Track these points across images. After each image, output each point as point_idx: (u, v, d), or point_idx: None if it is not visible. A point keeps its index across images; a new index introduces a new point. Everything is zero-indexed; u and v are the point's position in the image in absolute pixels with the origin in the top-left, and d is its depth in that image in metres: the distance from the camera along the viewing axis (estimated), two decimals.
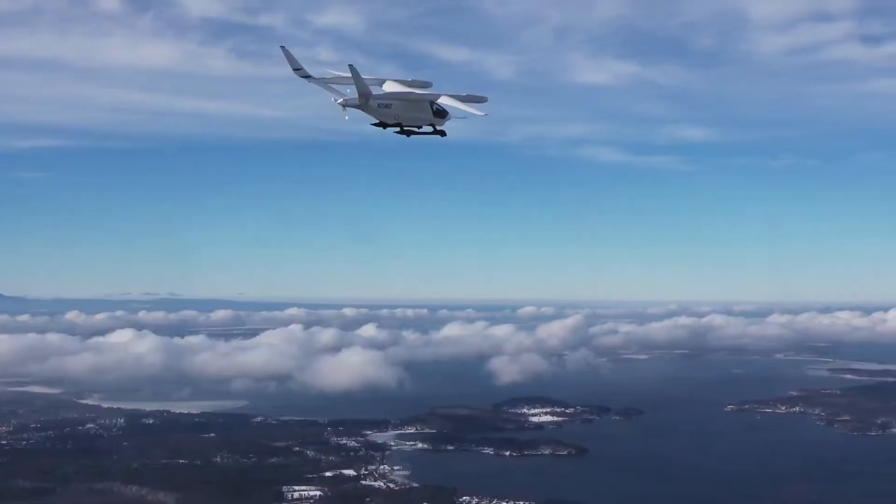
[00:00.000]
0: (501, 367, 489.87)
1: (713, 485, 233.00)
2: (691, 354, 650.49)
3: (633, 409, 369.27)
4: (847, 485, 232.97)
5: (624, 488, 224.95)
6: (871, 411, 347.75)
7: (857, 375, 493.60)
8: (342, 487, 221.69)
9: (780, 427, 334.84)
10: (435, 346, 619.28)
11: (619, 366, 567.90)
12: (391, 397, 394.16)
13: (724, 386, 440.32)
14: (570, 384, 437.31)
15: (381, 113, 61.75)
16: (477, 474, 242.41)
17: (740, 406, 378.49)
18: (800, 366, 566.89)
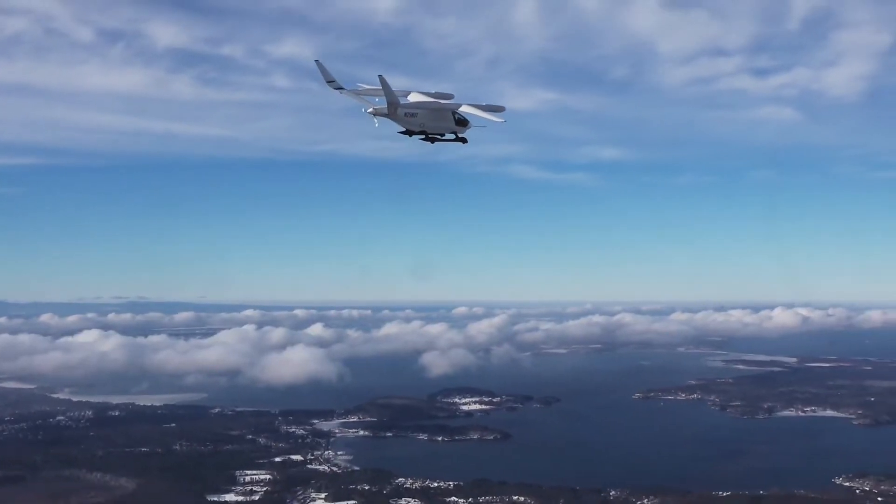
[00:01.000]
0: (435, 361, 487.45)
1: (622, 463, 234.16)
2: (604, 349, 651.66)
3: (552, 397, 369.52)
4: (736, 461, 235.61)
5: (543, 468, 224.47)
6: (759, 397, 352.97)
7: (748, 366, 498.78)
8: (290, 471, 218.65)
9: (681, 412, 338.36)
10: (375, 343, 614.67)
11: (539, 359, 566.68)
12: (336, 389, 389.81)
13: (632, 376, 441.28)
14: (497, 376, 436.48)
15: (408, 121, 60.08)
16: (412, 458, 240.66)
17: (646, 394, 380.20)
18: (698, 358, 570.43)
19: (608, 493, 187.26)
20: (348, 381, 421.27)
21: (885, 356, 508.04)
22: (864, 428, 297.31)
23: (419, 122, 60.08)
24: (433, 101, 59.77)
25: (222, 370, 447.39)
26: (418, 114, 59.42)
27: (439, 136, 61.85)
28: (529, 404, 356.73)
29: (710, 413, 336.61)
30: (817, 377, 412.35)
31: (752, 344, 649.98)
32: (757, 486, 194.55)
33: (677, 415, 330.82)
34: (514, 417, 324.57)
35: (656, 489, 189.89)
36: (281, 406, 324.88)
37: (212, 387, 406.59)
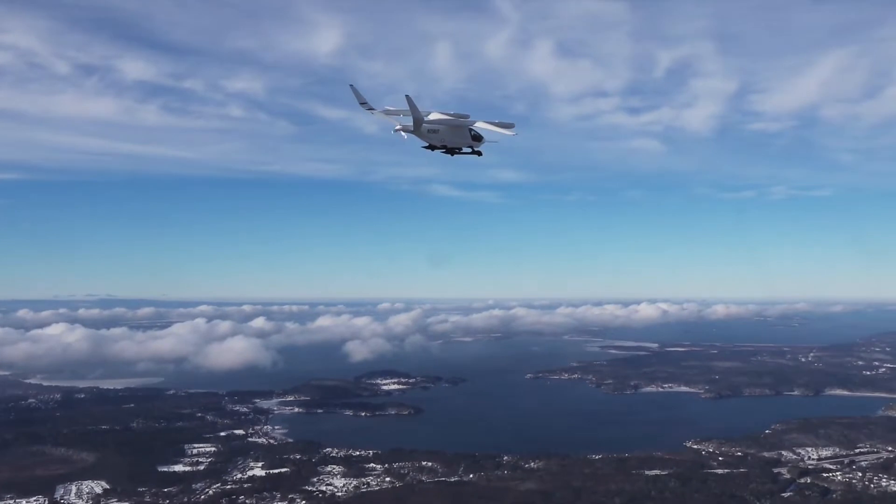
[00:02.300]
0: (359, 348, 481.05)
1: (515, 432, 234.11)
2: (502, 337, 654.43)
3: (458, 378, 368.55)
4: (608, 429, 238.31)
5: (449, 437, 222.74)
6: (627, 376, 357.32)
7: (619, 350, 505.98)
8: (232, 444, 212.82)
9: (564, 389, 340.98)
10: (310, 334, 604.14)
11: (449, 346, 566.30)
12: (275, 373, 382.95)
13: (525, 360, 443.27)
14: (412, 360, 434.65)
15: (430, 137, 57.97)
16: (338, 431, 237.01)
17: (536, 374, 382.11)
18: (579, 344, 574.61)
19: (502, 458, 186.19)
20: (286, 365, 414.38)
21: (727, 342, 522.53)
22: (709, 400, 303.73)
23: (440, 138, 58.31)
24: (452, 118, 57.73)
25: (174, 358, 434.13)
26: (439, 130, 57.51)
27: (458, 150, 60.05)
28: (440, 384, 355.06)
29: (588, 390, 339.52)
30: (674, 359, 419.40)
31: (622, 333, 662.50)
32: (623, 450, 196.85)
33: (561, 391, 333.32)
34: (426, 395, 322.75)
35: (541, 454, 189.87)
36: (227, 387, 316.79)
37: (168, 372, 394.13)
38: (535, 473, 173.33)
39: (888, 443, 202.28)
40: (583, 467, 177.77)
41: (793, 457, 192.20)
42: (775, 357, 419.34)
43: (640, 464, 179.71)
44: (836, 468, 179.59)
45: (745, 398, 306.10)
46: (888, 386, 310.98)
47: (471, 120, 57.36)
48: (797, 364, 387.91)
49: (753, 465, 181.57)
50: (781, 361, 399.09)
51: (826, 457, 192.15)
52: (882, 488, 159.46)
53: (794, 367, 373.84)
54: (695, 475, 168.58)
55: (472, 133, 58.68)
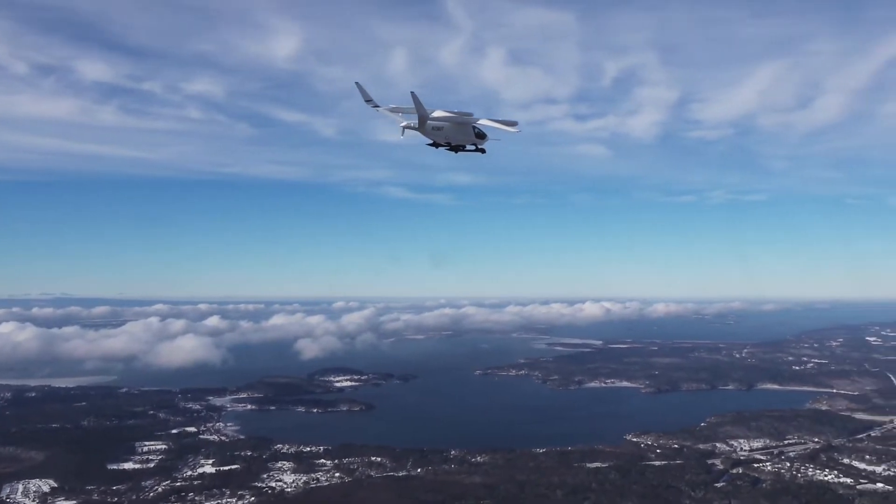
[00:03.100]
0: (312, 346, 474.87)
1: (463, 427, 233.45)
2: (453, 335, 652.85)
3: (410, 374, 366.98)
4: (552, 424, 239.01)
5: (399, 433, 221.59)
6: (572, 372, 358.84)
7: (565, 347, 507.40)
8: (184, 441, 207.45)
9: (511, 385, 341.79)
10: (263, 332, 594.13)
11: (401, 344, 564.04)
12: (229, 370, 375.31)
13: (474, 357, 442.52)
14: (365, 358, 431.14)
15: (434, 134, 57.04)
16: (290, 427, 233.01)
17: (485, 371, 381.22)
18: (527, 342, 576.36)
19: (449, 453, 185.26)
20: (239, 363, 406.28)
21: (667, 339, 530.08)
22: (649, 395, 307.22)
23: (444, 135, 57.39)
24: (456, 116, 56.53)
25: (126, 356, 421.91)
26: (444, 127, 56.62)
27: (461, 147, 59.04)
28: (391, 381, 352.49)
29: (534, 385, 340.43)
30: (616, 356, 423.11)
31: (568, 330, 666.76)
32: (567, 443, 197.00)
33: (508, 387, 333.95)
34: (377, 392, 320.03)
35: (488, 448, 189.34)
36: (181, 385, 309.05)
37: (121, 371, 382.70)
38: (481, 467, 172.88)
39: (815, 434, 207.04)
40: (527, 461, 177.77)
41: (726, 448, 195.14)
42: (712, 353, 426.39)
43: (582, 457, 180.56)
44: (767, 459, 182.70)
45: (683, 393, 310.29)
46: (815, 380, 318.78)
47: (474, 117, 56.46)
48: (732, 360, 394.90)
49: (689, 457, 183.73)
50: (717, 357, 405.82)
51: (757, 448, 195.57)
52: (808, 478, 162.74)
53: (729, 363, 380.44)
54: (634, 467, 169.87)
55: (476, 130, 57.87)
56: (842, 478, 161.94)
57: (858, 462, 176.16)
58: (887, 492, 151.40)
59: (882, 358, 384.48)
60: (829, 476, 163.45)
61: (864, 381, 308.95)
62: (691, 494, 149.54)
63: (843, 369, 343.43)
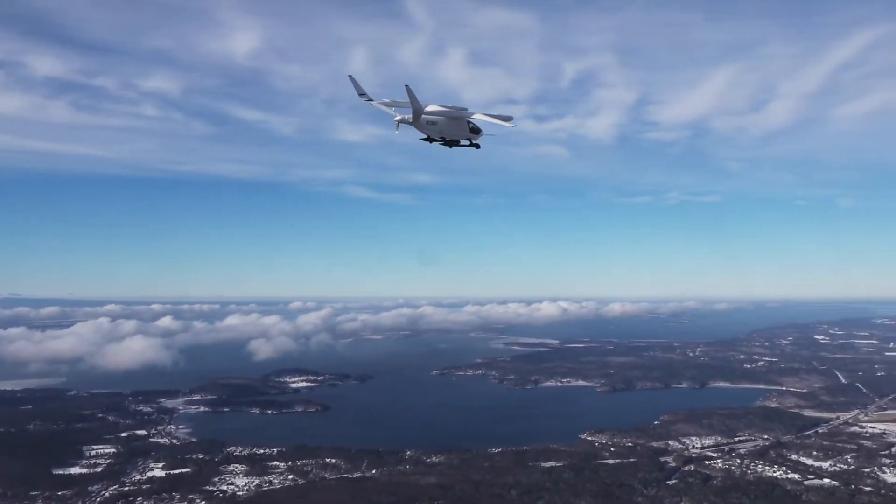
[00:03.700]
0: (267, 347, 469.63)
1: (419, 427, 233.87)
2: (410, 335, 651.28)
3: (366, 375, 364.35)
4: (508, 423, 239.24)
5: (355, 434, 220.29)
6: (529, 371, 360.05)
7: (522, 347, 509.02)
8: (133, 445, 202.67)
9: (468, 385, 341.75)
10: (217, 333, 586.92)
11: (358, 344, 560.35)
12: (182, 372, 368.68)
13: (432, 357, 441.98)
14: (321, 358, 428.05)
15: (429, 129, 56.09)
16: (244, 429, 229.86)
17: (442, 371, 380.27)
18: (484, 341, 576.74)
19: (405, 453, 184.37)
20: (192, 364, 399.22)
21: (623, 338, 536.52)
22: (604, 394, 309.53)
23: (438, 130, 56.50)
24: (451, 110, 55.59)
25: (72, 358, 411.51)
26: (438, 122, 55.70)
27: (456, 142, 58.26)
28: (348, 381, 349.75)
29: (491, 385, 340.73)
30: (573, 355, 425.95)
31: (525, 330, 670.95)
32: (522, 443, 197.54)
33: (465, 387, 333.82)
34: (334, 392, 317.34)
35: (443, 448, 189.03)
36: (132, 387, 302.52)
37: (67, 373, 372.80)
38: (436, 468, 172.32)
39: (764, 431, 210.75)
40: (482, 461, 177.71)
41: (678, 446, 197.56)
42: (666, 352, 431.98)
43: (537, 456, 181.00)
44: (718, 456, 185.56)
45: (638, 391, 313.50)
46: (765, 378, 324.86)
47: (469, 112, 55.81)
48: (686, 358, 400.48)
49: (642, 455, 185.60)
50: (671, 356, 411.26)
51: (708, 445, 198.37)
52: (758, 474, 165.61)
53: (682, 362, 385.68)
54: (588, 466, 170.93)
55: (471, 125, 57.26)
56: (790, 474, 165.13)
57: (806, 458, 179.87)
58: (833, 487, 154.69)
59: (830, 356, 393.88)
60: (777, 472, 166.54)
61: (813, 379, 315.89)
62: (644, 492, 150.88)
63: (793, 367, 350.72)
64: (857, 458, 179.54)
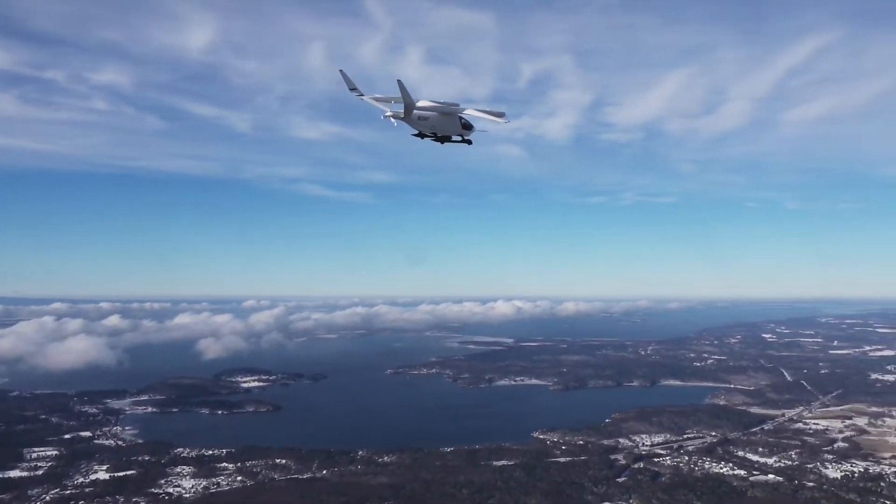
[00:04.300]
0: (218, 346, 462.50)
1: (371, 427, 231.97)
2: (365, 334, 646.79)
3: (320, 374, 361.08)
4: (461, 422, 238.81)
5: (306, 434, 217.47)
6: (483, 370, 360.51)
7: (476, 346, 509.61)
8: (77, 447, 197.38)
9: (422, 384, 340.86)
10: (166, 332, 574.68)
11: (312, 343, 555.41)
12: (129, 372, 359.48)
13: (386, 356, 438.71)
14: (274, 358, 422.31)
15: (420, 124, 54.70)
16: (193, 430, 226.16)
17: (397, 370, 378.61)
18: (439, 340, 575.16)
19: (356, 453, 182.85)
20: (140, 364, 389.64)
21: (576, 337, 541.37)
22: (557, 392, 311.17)
23: (430, 125, 55.21)
24: (442, 106, 54.49)
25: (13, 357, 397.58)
26: (430, 117, 54.51)
27: (448, 138, 57.03)
28: (300, 381, 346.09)
29: (445, 384, 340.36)
30: (527, 354, 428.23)
31: (480, 329, 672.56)
32: (474, 442, 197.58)
33: (419, 386, 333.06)
34: (286, 392, 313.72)
35: (395, 448, 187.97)
36: (77, 387, 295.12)
37: (11, 373, 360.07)
38: (387, 467, 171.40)
39: (712, 428, 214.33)
40: (434, 460, 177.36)
41: (629, 444, 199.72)
42: (618, 351, 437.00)
43: (489, 455, 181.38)
44: (667, 453, 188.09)
45: (590, 390, 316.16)
46: (714, 376, 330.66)
47: (460, 107, 54.79)
48: (637, 357, 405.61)
49: (593, 453, 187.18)
50: (623, 355, 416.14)
51: (658, 443, 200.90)
52: (705, 470, 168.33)
53: (634, 360, 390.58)
54: (539, 464, 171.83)
55: (462, 121, 56.16)
56: (736, 470, 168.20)
57: (752, 454, 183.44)
58: (778, 483, 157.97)
59: (776, 354, 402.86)
60: (724, 469, 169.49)
61: (760, 377, 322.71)
62: (594, 490, 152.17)
63: (741, 365, 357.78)
64: (800, 454, 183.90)
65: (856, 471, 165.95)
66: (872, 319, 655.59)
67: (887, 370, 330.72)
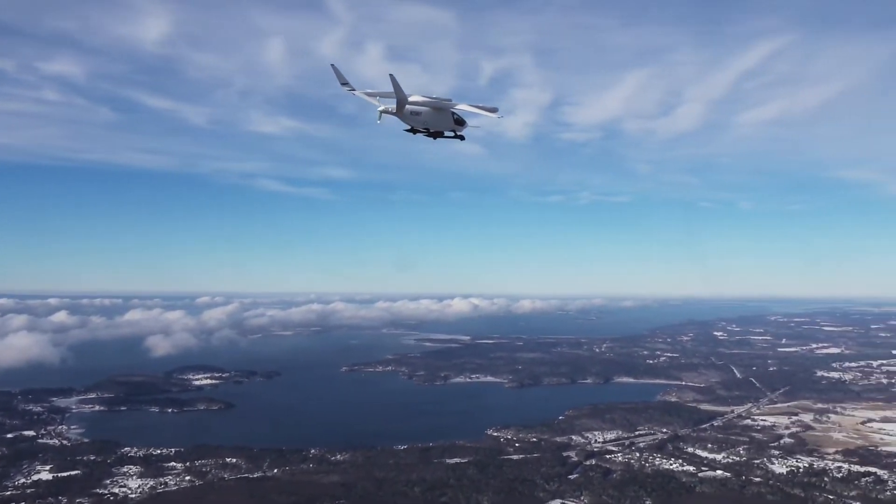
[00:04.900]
0: (170, 343, 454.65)
1: (324, 425, 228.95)
2: (321, 331, 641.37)
3: (273, 372, 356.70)
4: (415, 419, 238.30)
5: (258, 432, 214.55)
6: (439, 367, 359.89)
7: (433, 343, 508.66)
8: (19, 446, 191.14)
9: (377, 381, 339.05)
10: (116, 328, 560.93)
11: (266, 341, 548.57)
12: (76, 369, 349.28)
13: (342, 353, 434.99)
14: (227, 355, 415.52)
15: (413, 119, 54.32)
16: (141, 429, 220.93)
17: (352, 367, 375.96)
18: (396, 338, 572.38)
19: (308, 452, 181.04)
20: (87, 361, 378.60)
21: (532, 334, 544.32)
22: (512, 389, 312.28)
23: (423, 121, 54.80)
24: (435, 101, 53.89)
25: None
26: (422, 113, 54.07)
27: (440, 133, 56.67)
28: (254, 378, 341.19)
29: (400, 381, 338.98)
30: (483, 351, 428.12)
31: (436, 326, 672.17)
32: (428, 439, 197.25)
33: (374, 384, 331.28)
34: (239, 390, 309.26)
35: (348, 446, 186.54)
36: (22, 386, 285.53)
37: None
38: (340, 466, 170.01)
39: (663, 425, 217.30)
40: (387, 458, 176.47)
41: (581, 441, 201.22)
42: (573, 348, 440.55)
43: (443, 453, 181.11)
44: (618, 450, 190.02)
45: (545, 387, 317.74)
46: (666, 373, 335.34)
47: (453, 103, 54.24)
48: (592, 354, 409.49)
49: (546, 450, 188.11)
50: (578, 352, 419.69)
51: (610, 439, 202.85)
52: (655, 467, 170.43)
53: (588, 357, 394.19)
54: (492, 462, 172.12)
55: (455, 117, 55.68)
56: (685, 466, 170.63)
57: (701, 451, 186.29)
58: (725, 478, 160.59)
59: (727, 352, 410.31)
60: (674, 465, 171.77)
61: (710, 374, 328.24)
62: (545, 487, 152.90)
63: (692, 363, 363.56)
64: (748, 449, 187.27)
65: (801, 466, 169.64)
66: (819, 318, 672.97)
67: (832, 367, 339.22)
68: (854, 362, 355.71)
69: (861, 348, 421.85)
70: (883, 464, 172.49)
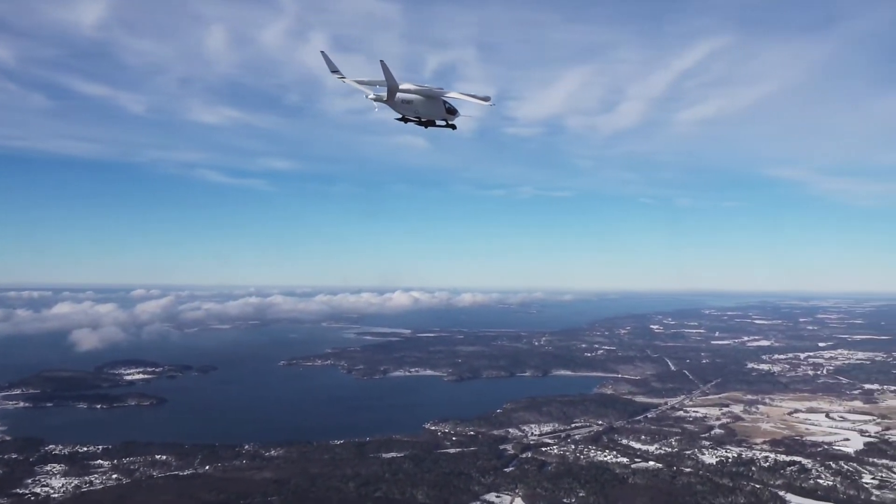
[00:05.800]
0: (95, 336, 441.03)
1: (260, 420, 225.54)
2: (260, 325, 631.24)
3: (209, 366, 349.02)
4: (352, 414, 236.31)
5: (191, 428, 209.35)
6: (378, 361, 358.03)
7: (373, 337, 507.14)
8: None
9: (316, 375, 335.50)
10: (43, 322, 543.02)
11: (203, 334, 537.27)
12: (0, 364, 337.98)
13: (280, 347, 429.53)
14: (161, 349, 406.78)
15: (404, 108, 53.19)
16: (68, 426, 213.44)
17: (290, 361, 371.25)
18: (336, 331, 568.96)
19: (242, 448, 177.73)
20: (12, 356, 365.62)
21: (472, 327, 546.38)
22: (451, 383, 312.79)
23: (414, 109, 53.70)
24: (426, 89, 52.72)
25: None
26: (414, 101, 52.92)
27: (431, 122, 55.53)
28: (189, 373, 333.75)
29: (339, 376, 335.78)
30: (423, 344, 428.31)
31: (377, 320, 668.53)
32: (365, 434, 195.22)
33: (312, 378, 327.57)
34: (172, 385, 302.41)
35: (283, 442, 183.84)
36: None
37: None
38: (273, 462, 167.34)
39: (599, 417, 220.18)
40: (322, 453, 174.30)
41: (518, 433, 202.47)
42: (513, 341, 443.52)
43: (379, 447, 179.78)
44: (554, 442, 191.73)
45: (484, 380, 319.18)
46: (603, 366, 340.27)
47: (444, 91, 53.20)
48: (531, 347, 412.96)
49: (483, 444, 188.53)
50: (518, 345, 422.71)
51: (546, 432, 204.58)
52: (590, 459, 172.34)
53: (528, 351, 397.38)
54: (429, 456, 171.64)
55: (447, 106, 54.64)
56: (619, 458, 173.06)
57: (635, 442, 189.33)
58: (657, 469, 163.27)
59: (662, 344, 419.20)
60: (608, 457, 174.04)
61: (646, 367, 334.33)
62: (481, 480, 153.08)
63: (629, 355, 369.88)
64: (680, 440, 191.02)
65: (730, 456, 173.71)
66: (751, 312, 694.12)
67: (762, 360, 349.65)
68: (783, 354, 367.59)
69: (789, 341, 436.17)
70: (807, 453, 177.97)
